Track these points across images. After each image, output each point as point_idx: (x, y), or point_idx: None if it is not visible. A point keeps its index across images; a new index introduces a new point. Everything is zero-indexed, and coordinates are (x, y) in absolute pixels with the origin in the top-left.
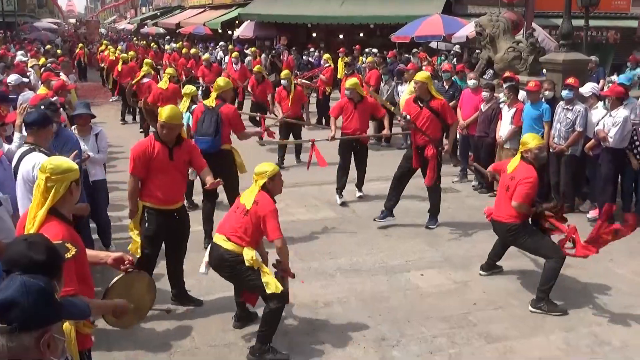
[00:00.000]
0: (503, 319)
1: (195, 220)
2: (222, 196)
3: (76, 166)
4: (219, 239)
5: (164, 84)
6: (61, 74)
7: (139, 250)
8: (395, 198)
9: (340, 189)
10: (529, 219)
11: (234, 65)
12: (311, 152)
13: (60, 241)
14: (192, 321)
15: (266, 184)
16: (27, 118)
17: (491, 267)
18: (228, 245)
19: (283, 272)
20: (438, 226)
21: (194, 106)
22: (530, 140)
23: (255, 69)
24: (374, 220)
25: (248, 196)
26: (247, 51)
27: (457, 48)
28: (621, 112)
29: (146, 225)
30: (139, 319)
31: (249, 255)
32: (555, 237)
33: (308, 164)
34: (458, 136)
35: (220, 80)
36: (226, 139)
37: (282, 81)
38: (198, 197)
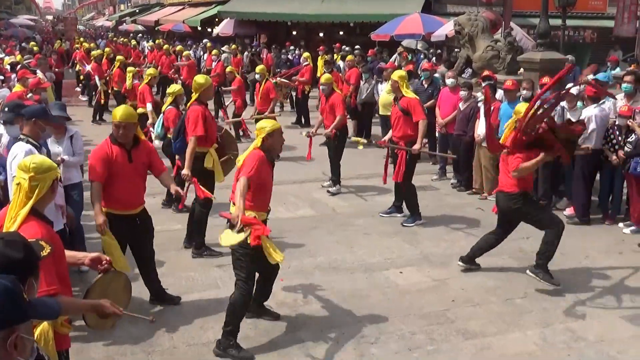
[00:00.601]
0: (481, 316)
1: (174, 219)
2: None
3: (56, 164)
4: (232, 206)
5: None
6: (37, 71)
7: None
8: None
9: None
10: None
11: (213, 64)
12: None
13: (34, 240)
14: (171, 320)
15: (264, 140)
16: (25, 110)
17: (471, 260)
18: (233, 209)
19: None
20: (417, 224)
21: (170, 107)
22: (523, 109)
23: (227, 69)
24: (380, 215)
25: (242, 156)
26: (223, 48)
27: (420, 46)
28: (587, 111)
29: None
30: (116, 320)
31: (246, 214)
32: None
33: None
34: (437, 135)
35: (200, 78)
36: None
37: (256, 75)
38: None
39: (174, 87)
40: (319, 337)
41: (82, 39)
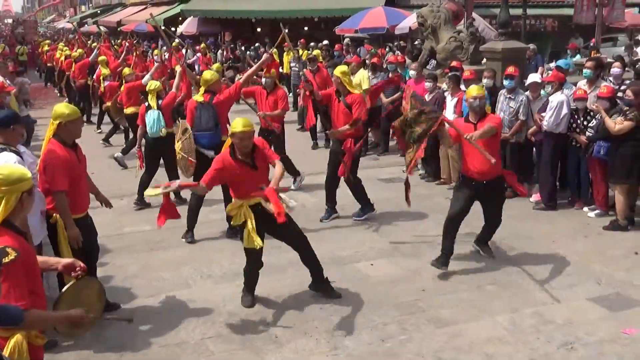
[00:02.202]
0: (452, 304)
1: (144, 220)
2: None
3: (29, 175)
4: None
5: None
6: None
7: None
8: (333, 199)
9: None
10: None
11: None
12: None
13: (1, 247)
14: (142, 321)
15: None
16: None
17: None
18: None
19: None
20: (386, 215)
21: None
22: (474, 91)
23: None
24: (321, 221)
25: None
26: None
27: (345, 41)
28: (556, 97)
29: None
30: (89, 327)
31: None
32: None
33: None
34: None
35: (207, 74)
36: (225, 131)
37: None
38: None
39: (153, 84)
40: (292, 331)
41: (48, 41)
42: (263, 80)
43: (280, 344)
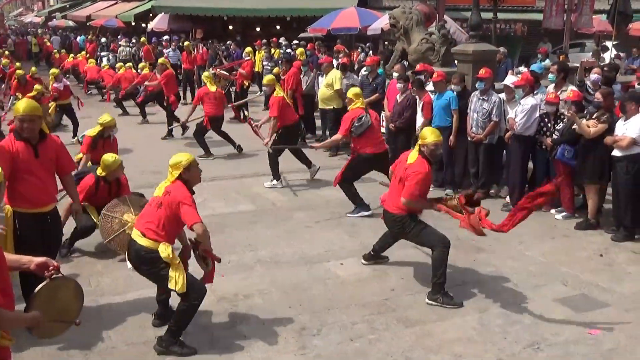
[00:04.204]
0: (421, 304)
1: None
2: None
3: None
4: (135, 234)
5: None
6: None
7: None
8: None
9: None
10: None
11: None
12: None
13: None
14: (108, 320)
15: (182, 174)
16: None
17: (374, 257)
18: (143, 242)
19: (205, 253)
20: (361, 215)
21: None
22: (429, 135)
23: (159, 61)
24: (347, 215)
25: (160, 188)
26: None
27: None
28: (529, 100)
29: (18, 232)
30: (67, 327)
31: (165, 252)
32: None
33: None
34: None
35: (108, 159)
36: None
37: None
38: None
39: (105, 118)
40: (260, 330)
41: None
42: (264, 88)
43: (249, 343)
